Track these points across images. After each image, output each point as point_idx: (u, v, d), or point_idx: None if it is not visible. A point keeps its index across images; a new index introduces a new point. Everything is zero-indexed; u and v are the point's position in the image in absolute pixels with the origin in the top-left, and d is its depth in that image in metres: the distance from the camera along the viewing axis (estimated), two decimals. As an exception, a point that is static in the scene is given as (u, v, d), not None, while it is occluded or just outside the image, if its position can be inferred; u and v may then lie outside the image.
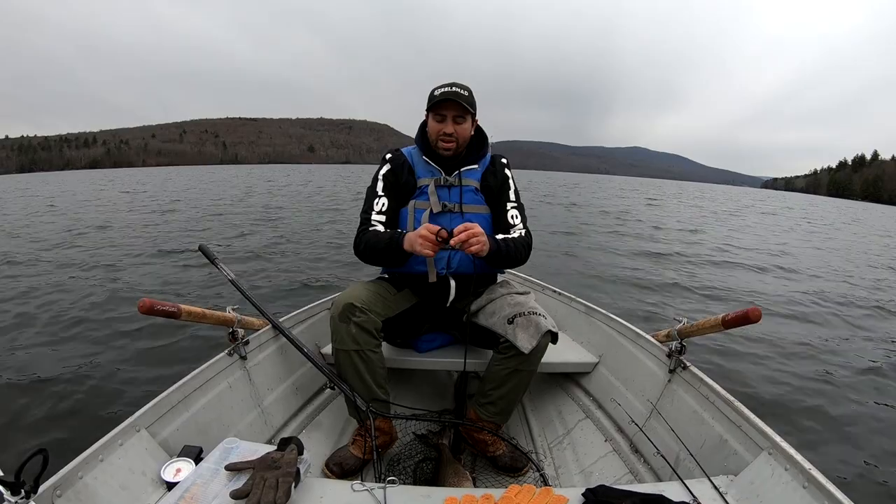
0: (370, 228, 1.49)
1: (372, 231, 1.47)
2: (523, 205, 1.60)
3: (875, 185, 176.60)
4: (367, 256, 1.47)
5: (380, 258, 1.46)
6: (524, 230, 1.53)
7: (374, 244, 1.43)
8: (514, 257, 1.46)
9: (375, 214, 1.51)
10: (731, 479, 1.03)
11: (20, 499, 0.73)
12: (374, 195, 1.54)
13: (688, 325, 1.38)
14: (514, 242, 1.45)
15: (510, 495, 0.95)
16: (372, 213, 1.51)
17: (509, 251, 1.42)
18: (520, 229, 1.53)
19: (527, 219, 1.58)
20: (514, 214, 1.55)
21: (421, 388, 2.03)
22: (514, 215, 1.55)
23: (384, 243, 1.41)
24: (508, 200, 1.56)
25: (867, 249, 10.86)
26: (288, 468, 0.93)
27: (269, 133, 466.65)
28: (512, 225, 1.53)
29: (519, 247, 1.47)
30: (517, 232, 1.51)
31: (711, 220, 15.51)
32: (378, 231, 1.47)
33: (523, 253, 1.49)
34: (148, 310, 1.15)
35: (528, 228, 1.55)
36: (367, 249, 1.45)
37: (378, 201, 1.52)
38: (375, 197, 1.53)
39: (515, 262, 1.49)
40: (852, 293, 5.82)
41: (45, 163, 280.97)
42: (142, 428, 1.06)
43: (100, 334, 3.40)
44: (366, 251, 1.45)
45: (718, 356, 3.36)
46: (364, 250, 1.46)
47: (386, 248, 1.40)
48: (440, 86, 1.46)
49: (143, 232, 8.47)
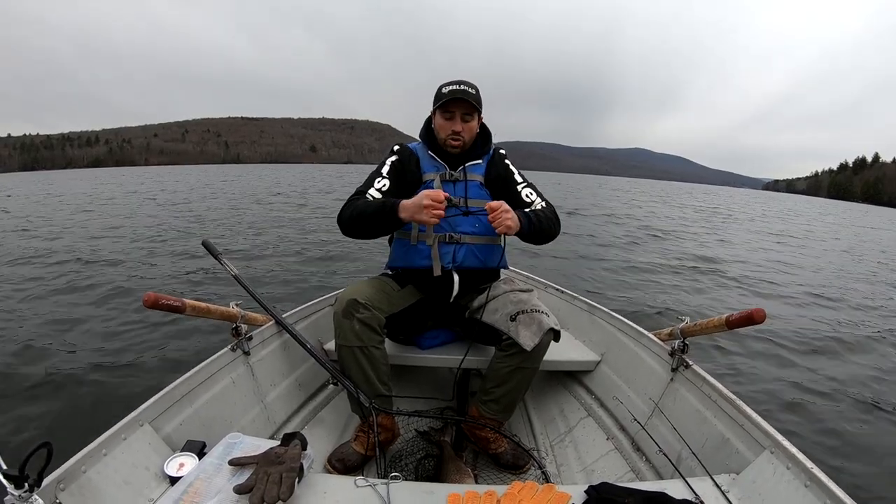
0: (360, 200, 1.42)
1: (362, 200, 1.41)
2: (533, 184, 1.61)
3: (875, 187, 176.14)
4: (351, 223, 1.39)
5: (366, 223, 1.37)
6: (544, 202, 1.54)
7: (362, 209, 1.36)
8: (547, 229, 1.46)
9: (373, 190, 1.45)
10: (734, 478, 1.03)
11: (23, 492, 0.72)
12: (377, 174, 1.50)
13: (691, 324, 1.38)
14: (541, 213, 1.45)
15: (513, 492, 0.95)
16: (370, 189, 1.45)
17: (541, 223, 1.42)
18: (540, 203, 1.54)
19: (542, 193, 1.59)
20: (528, 192, 1.56)
21: (423, 385, 2.04)
22: (528, 193, 1.56)
23: (375, 206, 1.35)
24: (517, 184, 1.58)
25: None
26: (292, 463, 0.93)
27: (270, 133, 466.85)
28: (530, 202, 1.54)
29: (549, 216, 1.47)
30: (538, 206, 1.53)
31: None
32: (370, 200, 1.41)
33: (554, 222, 1.50)
34: (153, 304, 1.15)
35: (546, 200, 1.56)
36: (353, 214, 1.38)
37: (380, 181, 1.48)
38: (378, 176, 1.50)
39: (549, 234, 1.48)
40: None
41: (47, 161, 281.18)
42: (145, 422, 1.06)
43: (104, 328, 3.41)
44: (351, 217, 1.38)
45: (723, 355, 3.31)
46: (349, 215, 1.39)
47: (377, 211, 1.34)
48: (448, 83, 1.46)
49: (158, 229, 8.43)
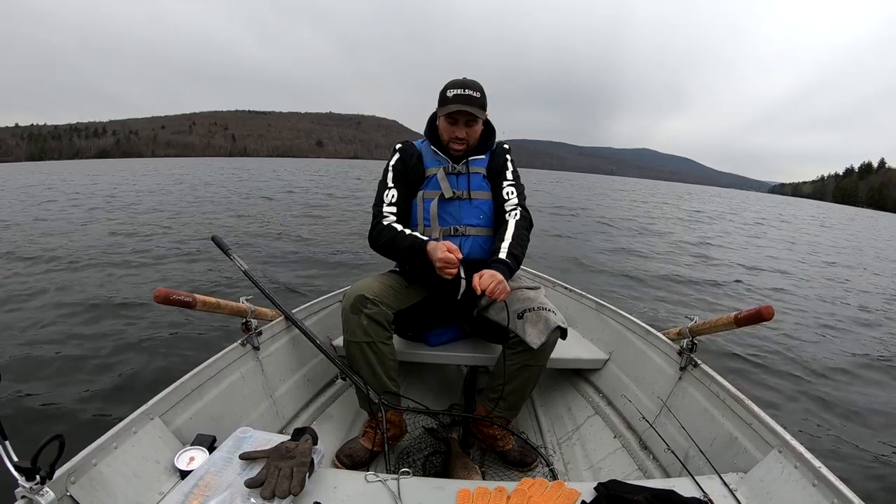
0: (384, 221, 1.52)
1: (389, 226, 1.51)
2: (523, 185, 1.62)
3: (881, 192, 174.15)
4: (385, 251, 1.51)
5: (400, 257, 1.53)
6: (519, 207, 1.55)
7: (394, 243, 1.46)
8: (524, 248, 1.47)
9: (387, 207, 1.54)
10: (741, 477, 1.03)
11: (35, 484, 0.72)
12: (384, 187, 1.57)
13: (700, 322, 1.37)
14: (517, 242, 1.45)
15: (523, 488, 0.95)
16: (383, 206, 1.55)
17: (516, 258, 1.43)
18: (513, 205, 1.55)
19: (525, 197, 1.60)
20: (510, 191, 1.57)
21: (431, 382, 2.04)
22: (509, 192, 1.57)
23: (406, 245, 1.44)
24: (505, 179, 1.59)
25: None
26: (303, 458, 0.93)
27: (278, 127, 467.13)
28: (506, 200, 1.56)
29: (521, 240, 1.47)
30: (510, 208, 1.54)
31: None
32: (400, 231, 1.49)
33: (525, 238, 1.51)
34: (164, 299, 1.15)
35: (523, 205, 1.57)
36: (387, 245, 1.49)
37: (388, 193, 1.55)
38: (386, 189, 1.56)
39: (526, 249, 1.51)
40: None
41: (54, 152, 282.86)
42: (155, 416, 1.07)
43: (115, 323, 3.43)
44: (385, 247, 1.49)
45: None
46: (384, 245, 1.50)
47: (408, 250, 1.44)
48: (452, 84, 1.45)
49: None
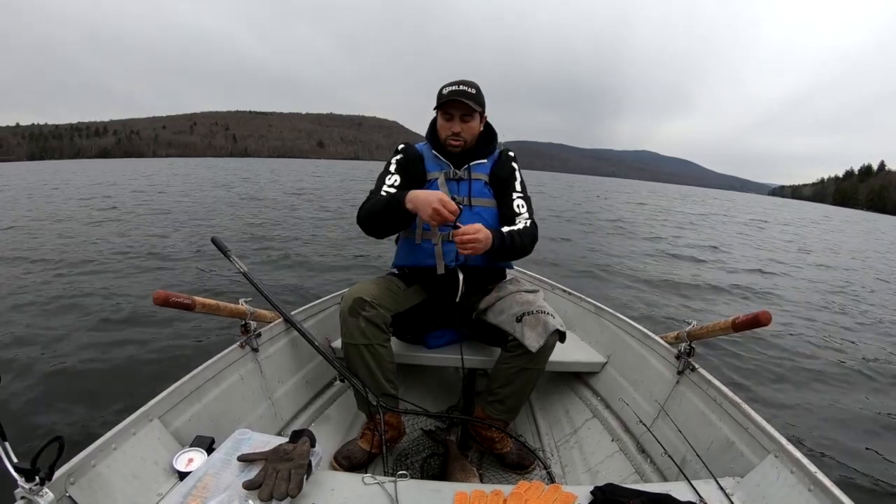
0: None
1: (374, 198, 1.48)
2: (529, 197, 1.61)
3: (880, 195, 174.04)
4: (366, 221, 1.47)
5: (378, 219, 1.44)
6: (529, 220, 1.55)
7: (373, 205, 1.44)
8: (520, 249, 1.47)
9: (386, 188, 1.52)
10: (738, 481, 1.03)
11: (34, 485, 0.72)
12: (386, 173, 1.56)
13: (697, 327, 1.37)
14: (519, 235, 1.46)
15: (520, 491, 0.95)
16: (383, 187, 1.52)
17: (514, 244, 1.43)
18: (525, 219, 1.54)
19: (533, 210, 1.60)
20: (520, 204, 1.57)
21: (429, 385, 2.04)
22: (519, 205, 1.57)
23: (384, 201, 1.41)
24: (514, 191, 1.58)
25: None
26: (300, 460, 0.93)
27: (278, 127, 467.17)
28: (518, 214, 1.55)
29: (525, 238, 1.48)
30: (522, 222, 1.53)
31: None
32: (382, 195, 1.47)
33: (528, 245, 1.51)
34: (163, 301, 1.16)
35: (533, 219, 1.57)
36: (367, 213, 1.45)
37: (390, 178, 1.54)
38: (388, 174, 1.55)
39: (520, 254, 1.50)
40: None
41: (55, 151, 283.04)
42: (154, 417, 1.07)
43: (115, 324, 3.43)
44: (366, 215, 1.46)
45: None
46: (364, 215, 1.46)
47: (385, 206, 1.40)
48: (448, 84, 1.47)
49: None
